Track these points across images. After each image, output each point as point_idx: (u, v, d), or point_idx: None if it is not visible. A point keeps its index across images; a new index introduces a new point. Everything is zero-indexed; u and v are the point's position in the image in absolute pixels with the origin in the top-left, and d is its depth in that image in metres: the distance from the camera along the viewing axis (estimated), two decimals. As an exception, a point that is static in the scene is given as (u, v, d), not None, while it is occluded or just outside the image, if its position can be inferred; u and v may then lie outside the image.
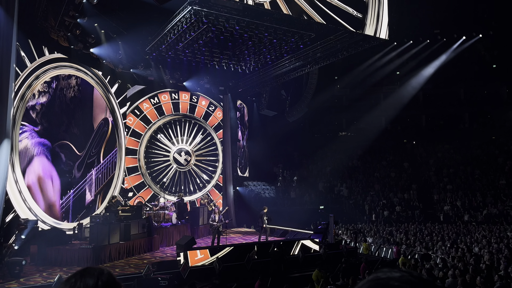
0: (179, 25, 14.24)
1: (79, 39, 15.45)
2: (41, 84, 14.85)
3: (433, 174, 28.33)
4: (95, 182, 17.31)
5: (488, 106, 33.16)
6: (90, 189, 17.00)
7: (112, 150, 18.48)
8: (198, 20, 13.65)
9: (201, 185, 22.24)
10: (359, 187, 28.07)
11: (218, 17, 13.57)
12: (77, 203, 16.23)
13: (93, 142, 17.38)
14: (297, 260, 13.32)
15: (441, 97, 34.31)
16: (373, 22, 15.33)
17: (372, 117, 32.52)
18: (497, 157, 28.63)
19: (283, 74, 20.45)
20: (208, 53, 17.59)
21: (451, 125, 33.44)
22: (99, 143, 17.70)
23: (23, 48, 13.97)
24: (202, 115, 22.51)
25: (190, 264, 11.68)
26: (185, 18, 13.67)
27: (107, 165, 18.09)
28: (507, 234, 17.44)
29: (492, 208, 23.76)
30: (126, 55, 17.54)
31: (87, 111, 17.23)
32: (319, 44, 17.08)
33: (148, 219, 14.94)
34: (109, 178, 18.18)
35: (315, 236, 15.45)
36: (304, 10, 14.02)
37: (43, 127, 14.85)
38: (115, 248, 12.85)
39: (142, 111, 20.72)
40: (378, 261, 13.79)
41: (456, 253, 13.53)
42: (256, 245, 13.58)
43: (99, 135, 17.74)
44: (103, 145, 17.90)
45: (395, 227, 21.69)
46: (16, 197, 13.50)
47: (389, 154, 31.63)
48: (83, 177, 16.72)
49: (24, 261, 10.71)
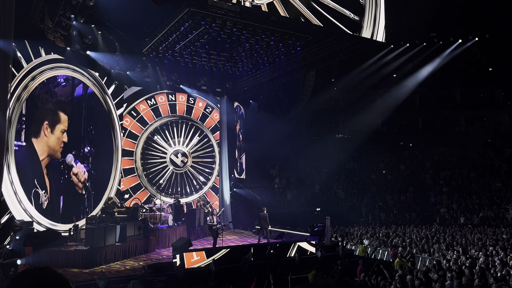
0: (177, 27, 14.24)
1: (75, 40, 15.41)
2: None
3: (429, 177, 28.40)
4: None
5: (484, 109, 33.32)
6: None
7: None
8: (195, 22, 13.65)
9: (198, 187, 22.20)
10: (356, 189, 28.09)
11: (215, 19, 13.58)
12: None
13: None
14: (293, 262, 13.31)
15: (437, 100, 34.45)
16: (370, 25, 15.38)
17: (369, 120, 32.59)
18: (493, 160, 28.74)
19: (280, 76, 20.45)
20: (205, 55, 17.59)
21: (447, 128, 33.57)
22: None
23: (20, 49, 13.93)
24: (199, 117, 22.49)
25: (186, 266, 11.66)
26: (183, 20, 13.67)
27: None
28: (503, 237, 17.49)
29: (488, 210, 23.83)
30: (123, 57, 17.51)
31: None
32: (316, 46, 17.10)
33: (144, 220, 14.90)
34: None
35: (311, 238, 15.45)
36: (301, 13, 14.05)
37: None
38: (111, 249, 12.80)
39: (139, 113, 20.68)
40: (374, 263, 13.80)
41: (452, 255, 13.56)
42: (252, 247, 13.57)
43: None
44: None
45: (391, 229, 21.71)
46: (11, 198, 13.44)
47: (386, 156, 31.69)
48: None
49: (19, 260, 10.66)
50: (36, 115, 15.08)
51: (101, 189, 17.96)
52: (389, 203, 26.32)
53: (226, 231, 15.56)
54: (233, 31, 14.38)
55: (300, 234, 17.24)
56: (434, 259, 13.55)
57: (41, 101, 15.32)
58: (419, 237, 18.69)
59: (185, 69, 19.45)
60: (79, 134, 17.17)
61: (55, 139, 15.76)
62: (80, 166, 17.01)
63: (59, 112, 16.04)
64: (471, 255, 13.34)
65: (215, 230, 14.41)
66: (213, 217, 14.69)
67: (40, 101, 15.30)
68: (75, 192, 16.74)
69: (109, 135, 18.60)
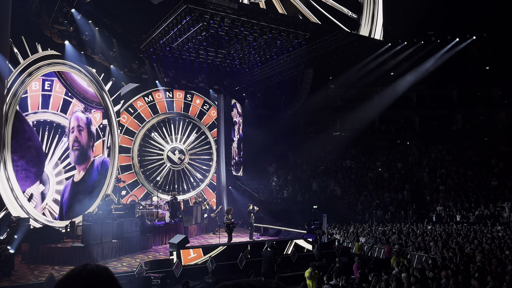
0: (174, 24, 14.20)
1: (73, 36, 15.34)
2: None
3: (426, 175, 28.49)
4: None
5: (480, 108, 33.45)
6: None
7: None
8: (193, 19, 13.61)
9: (195, 184, 22.19)
10: (353, 187, 28.15)
11: (213, 16, 13.54)
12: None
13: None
14: (290, 260, 13.34)
15: (434, 98, 34.56)
16: (368, 23, 15.38)
17: (366, 118, 32.66)
18: (490, 158, 28.86)
19: (277, 73, 20.44)
20: (203, 52, 17.56)
21: (444, 126, 33.68)
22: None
23: (16, 45, 13.86)
24: (197, 114, 22.46)
25: (183, 263, 11.67)
26: (180, 16, 13.64)
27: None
28: (499, 235, 17.58)
29: (484, 209, 23.94)
30: (120, 53, 17.44)
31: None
32: (314, 44, 17.10)
33: (141, 217, 14.88)
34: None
35: (308, 235, 15.48)
36: (299, 10, 14.04)
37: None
38: (107, 246, 12.79)
39: (136, 109, 20.63)
40: (370, 261, 13.86)
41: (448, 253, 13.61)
42: (249, 244, 13.59)
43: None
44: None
45: (388, 227, 21.78)
46: (7, 194, 13.39)
47: (383, 154, 31.77)
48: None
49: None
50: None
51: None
52: (385, 200, 26.40)
53: (222, 228, 15.62)
54: (231, 28, 14.35)
55: (297, 232, 17.28)
56: (430, 257, 13.61)
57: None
58: (415, 235, 18.77)
59: (182, 66, 19.41)
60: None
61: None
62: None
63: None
64: (467, 253, 13.40)
65: (231, 227, 15.13)
66: (228, 215, 15.34)
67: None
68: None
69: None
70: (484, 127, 32.90)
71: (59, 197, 15.92)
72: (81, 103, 17.01)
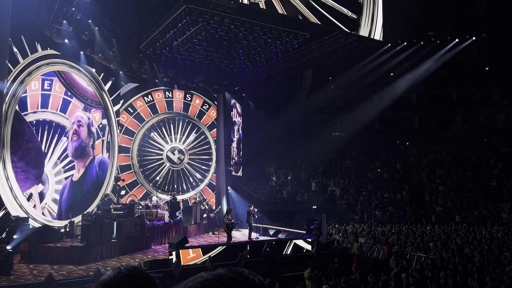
0: (174, 24, 14.20)
1: (72, 36, 15.33)
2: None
3: (425, 175, 28.50)
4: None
5: (480, 108, 33.46)
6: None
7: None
8: (193, 19, 13.61)
9: (194, 184, 22.18)
10: (352, 187, 28.15)
11: (213, 16, 13.55)
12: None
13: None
14: (289, 260, 13.34)
15: (434, 98, 34.58)
16: (368, 23, 15.39)
17: (366, 118, 32.67)
18: (489, 159, 28.88)
19: (277, 74, 20.44)
20: (202, 52, 17.56)
21: (444, 127, 33.69)
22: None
23: (16, 44, 13.84)
24: (196, 114, 22.45)
25: (182, 263, 11.67)
26: (180, 16, 13.63)
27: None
28: (498, 236, 17.59)
29: (483, 209, 23.95)
30: (120, 53, 17.44)
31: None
32: (313, 44, 17.09)
33: (140, 217, 14.89)
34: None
35: (307, 236, 15.48)
36: (299, 10, 14.04)
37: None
38: (106, 246, 12.79)
39: (136, 109, 20.62)
40: (370, 261, 13.86)
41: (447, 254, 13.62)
42: (248, 244, 13.59)
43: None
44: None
45: (387, 227, 21.77)
46: (7, 194, 13.37)
47: (382, 155, 31.78)
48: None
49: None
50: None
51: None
52: (385, 201, 26.40)
53: (222, 228, 15.65)
54: (231, 28, 14.35)
55: (296, 232, 17.29)
56: (429, 258, 13.61)
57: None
58: (415, 235, 18.77)
59: (182, 66, 19.41)
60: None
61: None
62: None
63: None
64: (466, 253, 13.41)
65: (231, 227, 15.17)
66: (228, 215, 15.36)
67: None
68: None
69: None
70: (484, 127, 32.91)
71: (58, 196, 15.91)
72: (80, 102, 17.00)
